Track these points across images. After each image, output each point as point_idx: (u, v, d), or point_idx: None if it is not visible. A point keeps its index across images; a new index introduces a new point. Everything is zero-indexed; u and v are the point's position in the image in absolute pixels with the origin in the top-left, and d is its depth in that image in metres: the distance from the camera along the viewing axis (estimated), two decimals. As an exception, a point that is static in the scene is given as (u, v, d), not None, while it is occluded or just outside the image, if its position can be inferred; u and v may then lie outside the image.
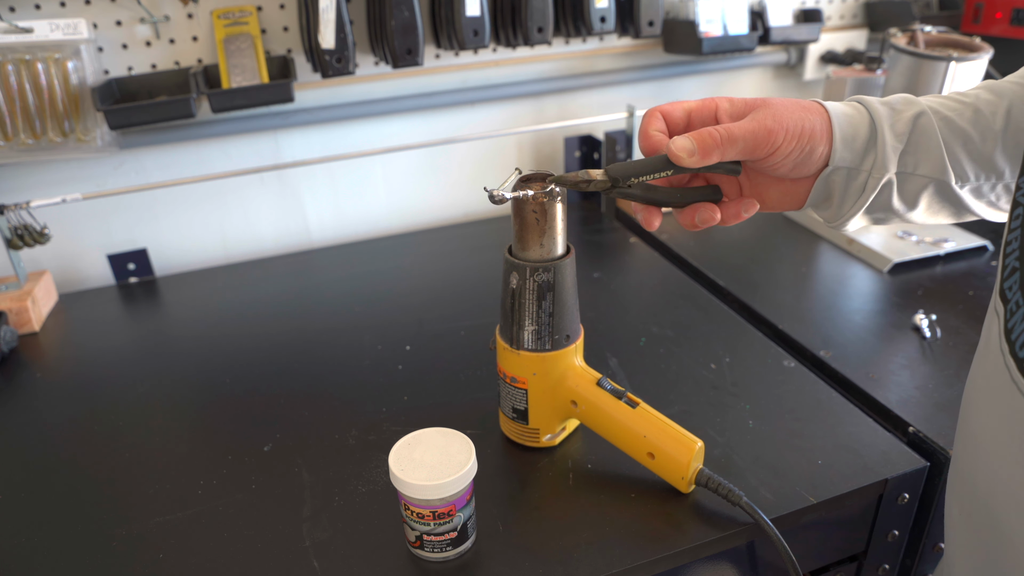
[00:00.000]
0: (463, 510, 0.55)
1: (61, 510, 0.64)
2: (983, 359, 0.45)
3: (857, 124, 0.51)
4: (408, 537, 0.56)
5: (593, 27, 1.01)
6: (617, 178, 0.50)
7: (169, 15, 0.96)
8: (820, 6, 1.25)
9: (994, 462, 0.42)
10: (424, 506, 0.53)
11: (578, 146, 1.24)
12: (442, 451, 0.55)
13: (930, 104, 0.52)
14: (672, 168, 0.49)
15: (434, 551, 0.55)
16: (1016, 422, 0.40)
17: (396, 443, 0.56)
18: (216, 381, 0.81)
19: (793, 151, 0.49)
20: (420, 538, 0.55)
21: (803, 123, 0.49)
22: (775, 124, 0.49)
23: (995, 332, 0.43)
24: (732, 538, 0.59)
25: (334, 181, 1.14)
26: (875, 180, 0.51)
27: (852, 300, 0.92)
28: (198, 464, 0.68)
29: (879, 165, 0.51)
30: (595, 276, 1.00)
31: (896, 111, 0.52)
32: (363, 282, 1.03)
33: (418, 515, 0.54)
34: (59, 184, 1.01)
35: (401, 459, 0.54)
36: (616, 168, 0.50)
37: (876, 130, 0.51)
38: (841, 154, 0.51)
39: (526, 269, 0.58)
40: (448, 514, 0.54)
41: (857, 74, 1.02)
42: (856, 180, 0.51)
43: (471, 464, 0.54)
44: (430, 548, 0.55)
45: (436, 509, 0.53)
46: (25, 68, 0.88)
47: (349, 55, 0.92)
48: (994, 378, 0.42)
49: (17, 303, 0.91)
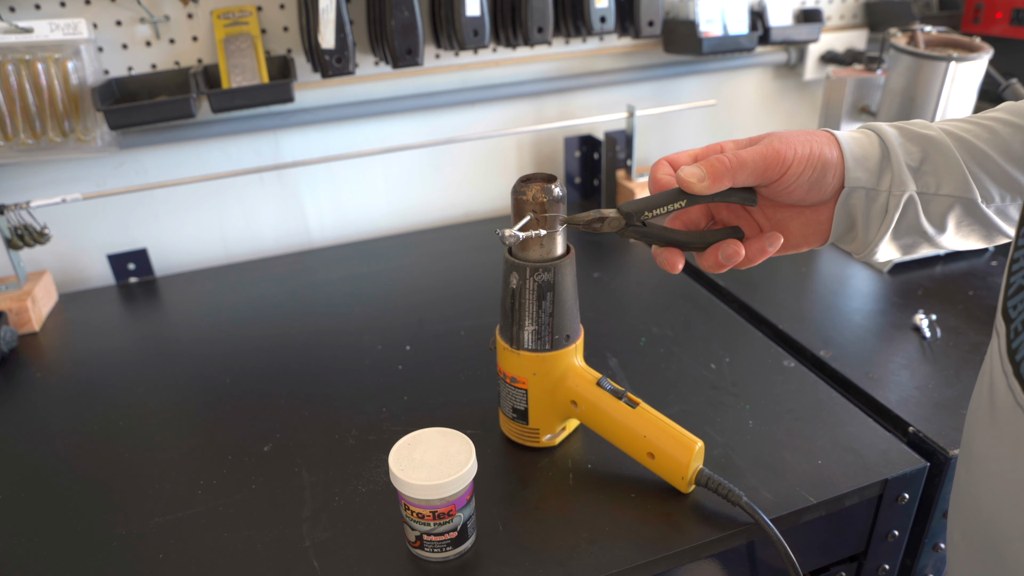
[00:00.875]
0: (463, 510, 0.55)
1: (61, 510, 0.64)
2: (985, 380, 0.44)
3: (867, 146, 0.51)
4: (408, 537, 0.56)
5: (593, 27, 1.01)
6: (631, 213, 0.49)
7: (169, 15, 0.96)
8: (820, 6, 1.25)
9: (998, 486, 0.41)
10: (424, 506, 0.53)
11: (578, 146, 1.24)
12: (442, 451, 0.55)
13: (943, 127, 0.52)
14: (685, 199, 0.49)
15: (434, 551, 0.55)
16: (1021, 445, 0.39)
17: (396, 443, 0.56)
18: (216, 381, 0.81)
19: (804, 171, 0.49)
20: (420, 538, 0.55)
21: (811, 144, 0.49)
22: (783, 145, 0.49)
23: (996, 352, 0.42)
24: (732, 538, 0.59)
25: (334, 181, 1.14)
26: (896, 199, 0.50)
27: (852, 300, 0.92)
28: (198, 464, 0.68)
29: (897, 183, 0.50)
30: (595, 276, 1.00)
31: (906, 131, 0.51)
32: (363, 282, 1.03)
33: (418, 515, 0.54)
34: (59, 184, 1.01)
35: (401, 459, 0.54)
36: (628, 205, 0.49)
37: (888, 150, 0.50)
38: (855, 174, 0.50)
39: (526, 269, 0.58)
40: (448, 514, 0.54)
41: (857, 74, 1.02)
42: (877, 201, 0.51)
43: (471, 464, 0.54)
44: (430, 548, 0.55)
45: (436, 509, 0.53)
46: (25, 68, 0.88)
47: (349, 55, 0.92)
48: (997, 399, 0.41)
49: (17, 303, 0.91)
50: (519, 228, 0.56)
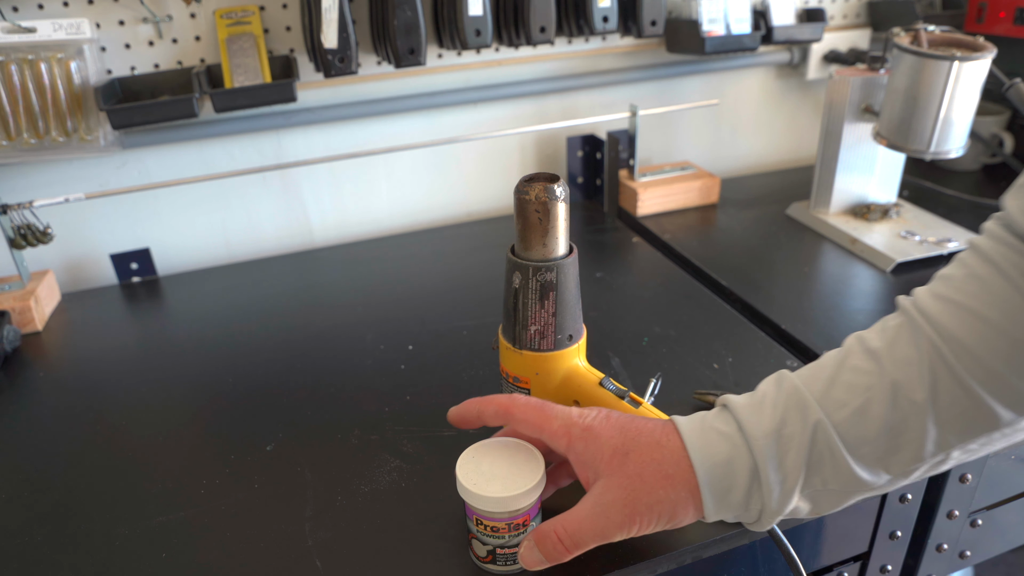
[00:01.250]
0: (536, 519, 0.54)
1: (63, 509, 0.64)
2: None
3: (734, 474, 0.44)
4: (477, 553, 0.54)
5: (596, 27, 1.01)
6: None
7: (172, 15, 0.96)
8: (823, 6, 1.25)
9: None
10: (500, 519, 0.51)
11: (580, 146, 1.24)
12: (510, 461, 0.53)
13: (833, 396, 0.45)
14: None
15: (507, 564, 0.54)
16: None
17: (460, 457, 0.54)
18: (218, 380, 0.81)
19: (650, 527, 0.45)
20: (493, 552, 0.53)
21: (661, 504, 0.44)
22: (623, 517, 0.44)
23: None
24: (735, 538, 0.59)
25: (336, 181, 1.14)
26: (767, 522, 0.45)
27: (855, 300, 0.92)
28: (200, 463, 0.68)
29: (768, 512, 0.45)
30: (598, 276, 1.00)
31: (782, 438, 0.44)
32: (365, 282, 1.03)
33: (492, 528, 0.52)
34: (62, 184, 1.01)
35: (469, 473, 0.52)
36: None
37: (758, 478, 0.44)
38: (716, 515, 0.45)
39: (528, 269, 0.58)
40: (523, 524, 0.52)
41: (860, 73, 1.02)
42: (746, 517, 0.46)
43: (543, 473, 0.52)
44: (503, 562, 0.54)
45: (512, 521, 0.52)
46: (28, 68, 0.88)
47: (352, 55, 0.92)
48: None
49: (20, 302, 0.91)
50: None
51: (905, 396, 0.42)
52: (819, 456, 0.43)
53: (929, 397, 0.42)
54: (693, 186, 1.19)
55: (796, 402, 0.44)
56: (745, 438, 0.44)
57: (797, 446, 0.43)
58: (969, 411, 0.41)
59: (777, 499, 0.43)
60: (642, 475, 0.43)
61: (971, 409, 0.41)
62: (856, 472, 0.43)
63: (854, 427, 0.43)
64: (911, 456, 0.43)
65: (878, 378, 0.44)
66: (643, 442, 0.45)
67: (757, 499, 0.44)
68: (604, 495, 0.44)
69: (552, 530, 0.46)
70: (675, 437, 0.45)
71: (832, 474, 0.43)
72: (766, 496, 0.43)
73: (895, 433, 0.43)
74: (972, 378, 0.41)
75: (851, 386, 0.44)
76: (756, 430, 0.44)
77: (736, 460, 0.43)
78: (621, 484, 0.44)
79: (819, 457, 0.43)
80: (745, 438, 0.44)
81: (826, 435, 0.43)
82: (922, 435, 0.42)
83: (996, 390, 0.41)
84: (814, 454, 0.43)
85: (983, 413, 0.41)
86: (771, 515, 0.45)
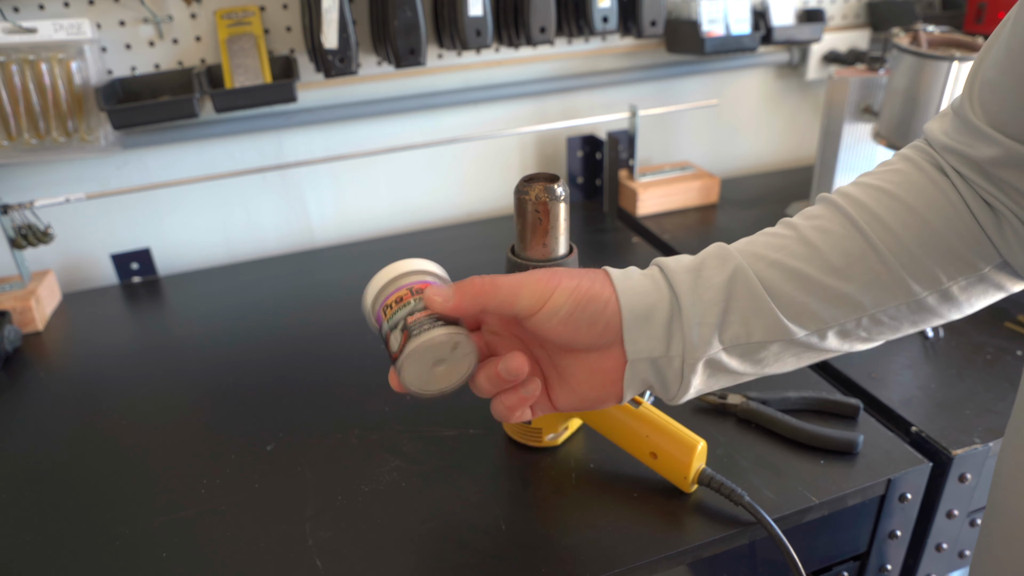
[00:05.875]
0: None
1: (64, 509, 0.64)
2: (1020, 420, 0.42)
3: (653, 302, 0.44)
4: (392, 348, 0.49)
5: (595, 27, 1.01)
6: None
7: (172, 15, 0.96)
8: (823, 6, 1.25)
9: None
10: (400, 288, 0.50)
11: (580, 146, 1.24)
12: None
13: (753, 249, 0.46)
14: None
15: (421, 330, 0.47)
16: None
17: None
18: (219, 380, 0.81)
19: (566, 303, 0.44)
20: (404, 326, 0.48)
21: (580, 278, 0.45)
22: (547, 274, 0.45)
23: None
24: (734, 538, 0.59)
25: (337, 181, 1.14)
26: (691, 365, 0.44)
27: (854, 300, 0.92)
28: (201, 463, 0.68)
29: (691, 348, 0.44)
30: (597, 276, 1.00)
31: (702, 277, 0.45)
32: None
33: (397, 300, 0.49)
34: (63, 184, 1.01)
35: None
36: None
37: (678, 307, 0.44)
38: (638, 344, 0.44)
39: (529, 269, 0.58)
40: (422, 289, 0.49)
41: (860, 74, 1.02)
42: (670, 367, 0.45)
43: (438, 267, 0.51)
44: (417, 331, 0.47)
45: (413, 286, 0.50)
46: (29, 68, 0.88)
47: (352, 55, 0.92)
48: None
49: (21, 302, 0.91)
50: None
51: (821, 257, 0.45)
52: (737, 294, 0.44)
53: (844, 263, 0.44)
54: (693, 186, 1.19)
55: (716, 251, 0.47)
56: (665, 275, 0.46)
57: (716, 284, 0.44)
58: (884, 280, 0.44)
59: (698, 336, 0.44)
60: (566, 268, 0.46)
61: (887, 279, 0.44)
62: (780, 318, 0.44)
63: (772, 275, 0.45)
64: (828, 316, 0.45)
65: (795, 241, 0.46)
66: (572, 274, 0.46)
67: (678, 335, 0.44)
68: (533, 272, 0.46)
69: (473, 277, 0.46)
70: (603, 274, 0.47)
71: (754, 316, 0.44)
72: (687, 330, 0.44)
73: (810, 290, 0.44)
74: (889, 251, 0.44)
75: (768, 244, 0.47)
76: (676, 266, 0.46)
77: (657, 292, 0.45)
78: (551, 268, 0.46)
79: (737, 294, 0.44)
80: (665, 275, 0.46)
81: (745, 276, 0.45)
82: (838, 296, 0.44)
83: (908, 265, 0.44)
84: (734, 291, 0.44)
85: (897, 285, 0.44)
86: (693, 358, 0.44)
